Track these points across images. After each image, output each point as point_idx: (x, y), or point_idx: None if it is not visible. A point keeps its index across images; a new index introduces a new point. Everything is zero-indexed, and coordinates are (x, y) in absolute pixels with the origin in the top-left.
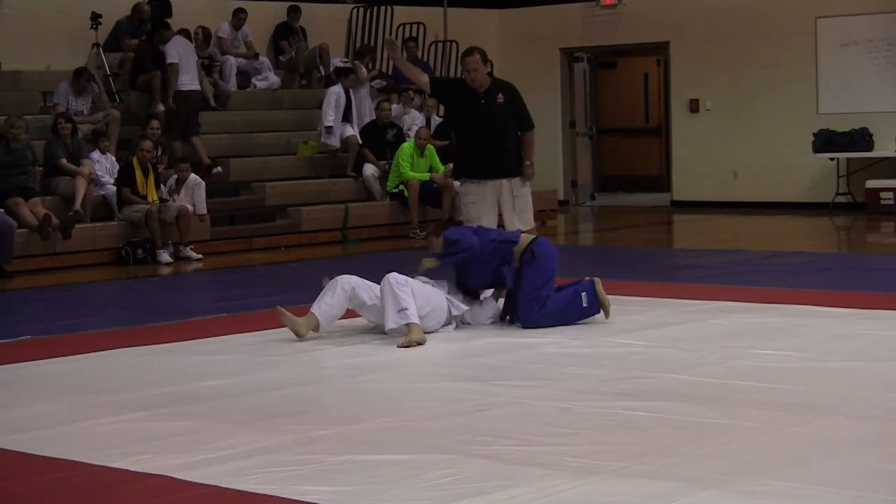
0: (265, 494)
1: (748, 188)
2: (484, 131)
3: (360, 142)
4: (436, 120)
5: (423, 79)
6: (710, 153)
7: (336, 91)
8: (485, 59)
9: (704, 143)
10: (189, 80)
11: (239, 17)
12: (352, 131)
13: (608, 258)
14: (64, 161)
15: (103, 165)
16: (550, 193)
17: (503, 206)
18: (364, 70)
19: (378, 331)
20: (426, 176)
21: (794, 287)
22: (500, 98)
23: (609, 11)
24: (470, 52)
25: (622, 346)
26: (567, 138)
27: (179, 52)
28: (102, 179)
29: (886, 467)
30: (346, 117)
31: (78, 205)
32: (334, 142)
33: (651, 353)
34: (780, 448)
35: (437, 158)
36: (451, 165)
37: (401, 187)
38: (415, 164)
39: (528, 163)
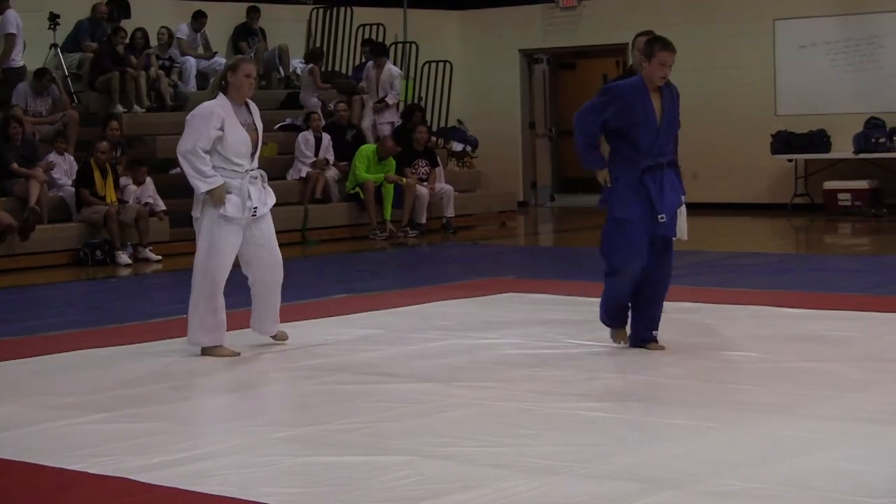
0: (225, 496)
1: (708, 189)
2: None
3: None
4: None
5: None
6: None
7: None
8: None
9: None
10: (21, 54)
11: (199, 20)
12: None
13: (568, 259)
14: (15, 165)
15: (61, 167)
16: (510, 195)
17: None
18: (317, 73)
19: (341, 333)
20: (380, 177)
21: (754, 288)
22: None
23: (569, 13)
24: (647, 32)
25: (582, 347)
26: (527, 139)
27: (18, 24)
28: (60, 181)
29: (847, 467)
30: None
31: (31, 204)
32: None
33: (612, 353)
34: (741, 448)
35: (394, 167)
36: (405, 180)
37: (357, 189)
38: (371, 168)
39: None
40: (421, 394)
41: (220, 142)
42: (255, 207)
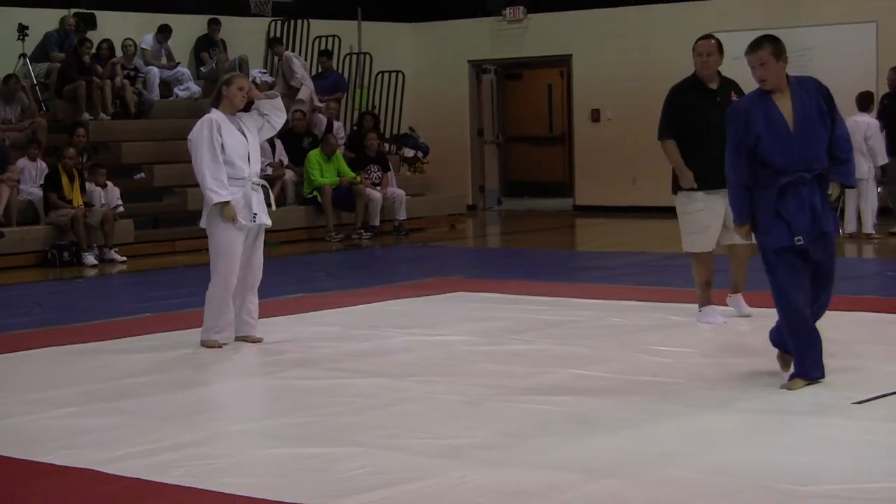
0: (187, 487)
1: (646, 193)
2: (714, 136)
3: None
4: (337, 126)
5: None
6: (610, 160)
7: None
8: (721, 49)
9: (605, 151)
10: None
11: (164, 33)
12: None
13: (515, 260)
14: None
15: (30, 172)
16: (459, 198)
17: (726, 220)
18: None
19: (298, 331)
20: (336, 181)
21: (691, 287)
22: (735, 98)
23: (515, 26)
24: (707, 35)
25: (528, 344)
26: (475, 146)
27: None
28: (30, 188)
29: (783, 458)
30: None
31: (0, 210)
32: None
33: (555, 350)
34: (678, 439)
35: (343, 163)
36: (358, 178)
37: (314, 193)
38: (323, 169)
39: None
40: (375, 388)
41: (221, 148)
42: (255, 213)
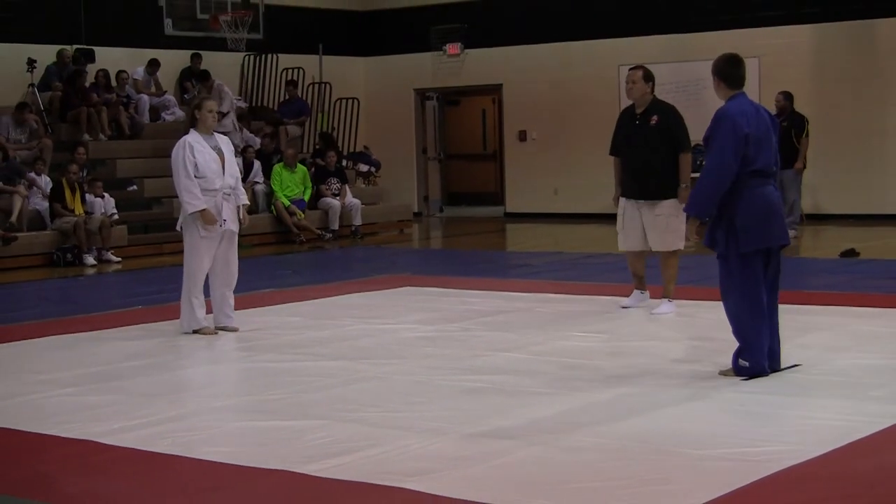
0: (174, 455)
1: (566, 202)
2: (632, 152)
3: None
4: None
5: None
6: (535, 174)
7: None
8: (647, 77)
9: (531, 166)
10: None
11: (153, 66)
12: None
13: (454, 259)
14: (0, 184)
15: (38, 185)
16: (407, 206)
17: (647, 228)
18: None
19: (269, 321)
20: (299, 190)
21: (604, 282)
22: (654, 120)
23: (454, 59)
24: (636, 66)
25: (466, 331)
26: (420, 162)
27: None
28: (37, 197)
29: (680, 426)
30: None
31: (14, 217)
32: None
33: (489, 336)
34: (594, 411)
35: (307, 176)
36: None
37: (273, 205)
38: (285, 180)
39: (682, 185)
40: (334, 369)
41: (195, 167)
42: (225, 220)
